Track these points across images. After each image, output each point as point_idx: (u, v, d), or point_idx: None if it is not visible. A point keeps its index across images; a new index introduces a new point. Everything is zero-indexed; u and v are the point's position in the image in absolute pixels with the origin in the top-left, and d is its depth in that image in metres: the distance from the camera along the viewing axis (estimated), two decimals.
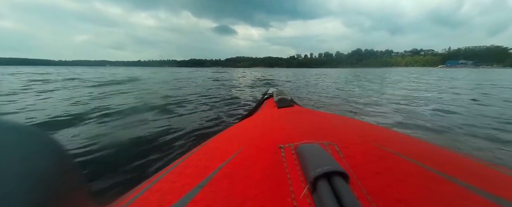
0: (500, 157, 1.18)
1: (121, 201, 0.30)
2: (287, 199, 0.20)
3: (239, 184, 0.23)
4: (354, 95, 4.06)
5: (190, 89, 4.85)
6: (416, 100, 3.31)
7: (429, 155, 0.29)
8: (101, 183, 0.93)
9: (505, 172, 0.27)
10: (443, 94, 4.03)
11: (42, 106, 2.70)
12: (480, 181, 0.23)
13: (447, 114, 2.30)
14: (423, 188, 0.21)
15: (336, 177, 0.19)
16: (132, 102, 2.94)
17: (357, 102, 3.18)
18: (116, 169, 1.04)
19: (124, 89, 4.64)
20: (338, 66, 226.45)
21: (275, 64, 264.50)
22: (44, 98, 3.35)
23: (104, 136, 1.54)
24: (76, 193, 0.23)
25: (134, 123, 1.90)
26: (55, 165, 0.22)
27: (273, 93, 1.02)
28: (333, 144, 0.29)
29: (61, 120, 1.99)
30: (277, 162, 0.26)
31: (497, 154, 1.21)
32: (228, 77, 9.85)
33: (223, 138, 0.44)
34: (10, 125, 0.22)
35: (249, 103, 3.00)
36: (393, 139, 0.34)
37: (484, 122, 1.95)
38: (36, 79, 7.30)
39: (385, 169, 0.23)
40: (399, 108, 2.68)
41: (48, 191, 0.19)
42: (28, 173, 0.18)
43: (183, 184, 0.26)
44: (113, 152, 1.25)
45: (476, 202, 0.19)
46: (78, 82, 6.40)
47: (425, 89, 5.05)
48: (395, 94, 4.08)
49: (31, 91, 4.12)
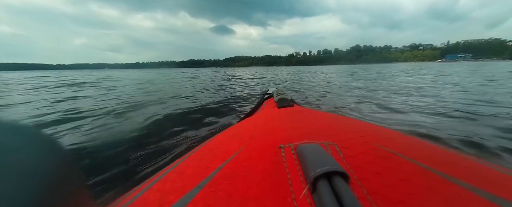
0: (501, 157, 1.17)
1: (122, 201, 0.30)
2: (287, 199, 0.20)
3: (239, 184, 0.23)
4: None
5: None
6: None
7: (430, 156, 0.29)
8: (101, 183, 0.93)
9: (505, 172, 0.27)
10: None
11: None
12: (481, 181, 0.23)
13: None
14: (424, 189, 0.21)
15: (336, 177, 0.19)
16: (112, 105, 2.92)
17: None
18: (116, 169, 1.05)
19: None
20: (337, 63, 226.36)
21: (274, 62, 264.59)
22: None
23: (104, 135, 1.54)
24: (76, 193, 0.23)
25: (134, 122, 1.90)
26: (55, 165, 0.22)
27: (273, 93, 1.02)
28: (333, 144, 0.29)
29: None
30: (277, 162, 0.26)
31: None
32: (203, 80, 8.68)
33: (223, 138, 0.44)
34: (9, 125, 0.22)
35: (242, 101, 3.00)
36: (393, 139, 0.34)
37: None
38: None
39: (386, 169, 0.24)
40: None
41: (48, 191, 0.19)
42: (28, 173, 0.18)
43: (183, 184, 0.26)
44: (113, 152, 1.25)
45: (477, 202, 0.19)
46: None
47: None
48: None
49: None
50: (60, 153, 0.24)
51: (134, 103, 3.01)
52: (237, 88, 5.06)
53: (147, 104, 2.91)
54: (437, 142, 0.37)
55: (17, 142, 0.20)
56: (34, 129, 0.23)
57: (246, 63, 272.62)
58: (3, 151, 0.18)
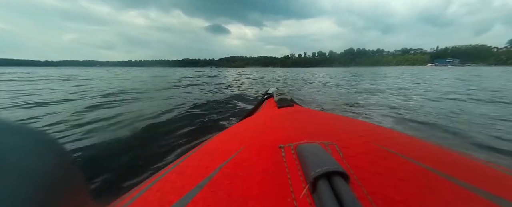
0: (500, 157, 1.22)
1: (122, 201, 0.30)
2: (287, 199, 0.20)
3: (239, 184, 0.23)
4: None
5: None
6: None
7: (430, 155, 0.29)
8: (100, 183, 0.92)
9: (505, 172, 0.27)
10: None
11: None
12: (480, 181, 0.23)
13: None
14: (424, 188, 0.20)
15: (336, 177, 0.18)
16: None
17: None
18: (116, 169, 1.03)
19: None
20: (331, 65, 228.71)
21: (269, 63, 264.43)
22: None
23: (104, 135, 1.51)
24: (76, 193, 0.23)
25: (132, 122, 1.87)
26: (55, 164, 0.21)
27: (273, 93, 1.03)
28: (333, 144, 0.28)
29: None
30: (277, 162, 0.26)
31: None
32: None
33: (224, 138, 0.44)
34: (9, 125, 0.22)
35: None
36: (393, 139, 0.34)
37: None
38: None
39: (386, 169, 0.23)
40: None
41: (48, 191, 0.19)
42: (28, 173, 0.18)
43: (183, 184, 0.26)
44: (113, 152, 1.23)
45: (477, 202, 0.19)
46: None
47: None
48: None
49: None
50: (60, 153, 0.24)
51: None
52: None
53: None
54: (437, 142, 0.37)
55: (17, 142, 0.20)
56: (34, 129, 0.23)
57: (242, 63, 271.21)
58: (3, 151, 0.18)
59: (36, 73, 14.13)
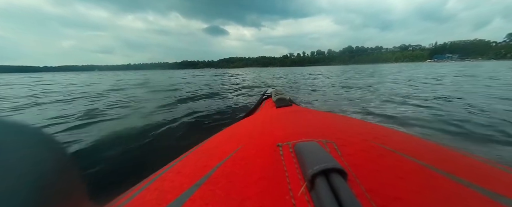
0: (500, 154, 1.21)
1: (119, 200, 0.30)
2: (285, 196, 0.20)
3: (237, 182, 0.23)
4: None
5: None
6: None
7: (428, 153, 0.29)
8: (98, 181, 0.91)
9: (504, 169, 0.27)
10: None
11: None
12: (479, 178, 0.23)
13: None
14: (422, 186, 0.21)
15: (334, 175, 0.18)
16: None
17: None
18: (116, 168, 1.03)
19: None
20: (330, 64, 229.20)
21: (268, 63, 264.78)
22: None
23: (103, 135, 1.51)
24: (74, 192, 0.23)
25: (131, 122, 1.87)
26: (54, 164, 0.21)
27: (272, 93, 1.03)
28: (331, 142, 0.28)
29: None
30: (275, 160, 0.26)
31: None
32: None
33: (222, 137, 0.44)
34: (9, 124, 0.21)
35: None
36: (391, 137, 0.34)
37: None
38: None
39: (384, 167, 0.24)
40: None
41: (47, 190, 0.19)
42: (27, 172, 0.18)
43: (181, 183, 0.26)
44: (113, 151, 1.23)
45: (475, 199, 0.19)
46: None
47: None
48: None
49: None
50: (59, 152, 0.24)
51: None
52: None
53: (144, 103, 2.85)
54: (434, 140, 0.37)
55: (17, 141, 0.20)
56: (34, 128, 0.23)
57: (241, 64, 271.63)
58: (3, 151, 0.18)
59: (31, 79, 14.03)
